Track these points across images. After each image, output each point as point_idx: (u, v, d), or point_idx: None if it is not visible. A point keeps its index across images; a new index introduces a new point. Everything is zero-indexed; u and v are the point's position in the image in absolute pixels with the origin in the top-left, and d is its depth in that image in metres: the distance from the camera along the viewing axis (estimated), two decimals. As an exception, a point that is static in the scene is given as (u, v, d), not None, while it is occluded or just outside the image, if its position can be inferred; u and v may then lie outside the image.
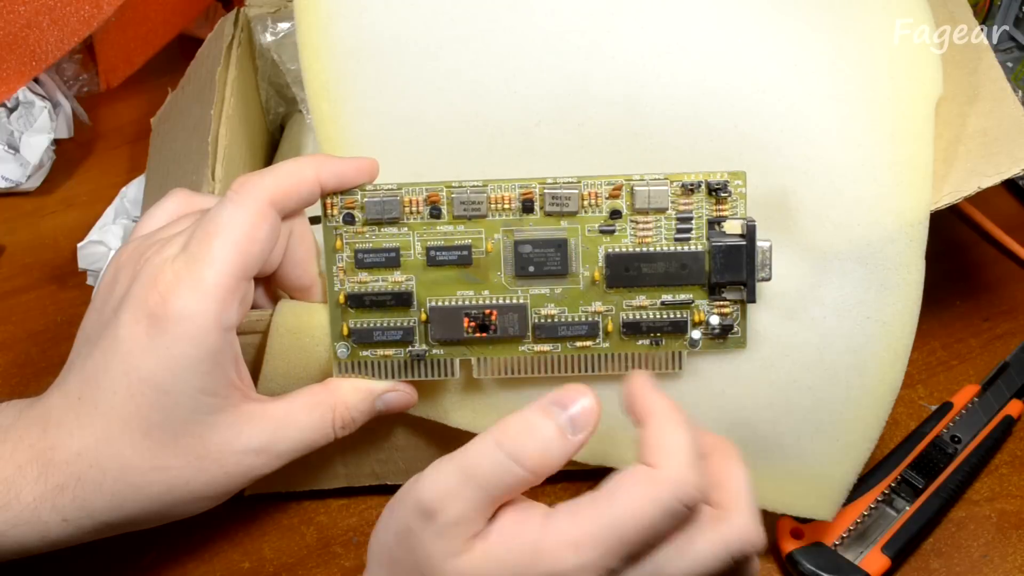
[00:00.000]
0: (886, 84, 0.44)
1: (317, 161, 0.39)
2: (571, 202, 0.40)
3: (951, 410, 0.51)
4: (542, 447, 0.34)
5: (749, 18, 0.45)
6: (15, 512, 0.37)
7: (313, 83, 0.45)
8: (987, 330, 0.56)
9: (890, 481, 0.48)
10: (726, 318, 0.41)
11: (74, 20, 0.61)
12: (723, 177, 0.40)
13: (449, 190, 0.40)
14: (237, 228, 0.37)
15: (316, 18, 0.45)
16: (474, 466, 0.34)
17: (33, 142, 0.64)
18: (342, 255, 0.40)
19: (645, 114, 0.44)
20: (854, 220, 0.42)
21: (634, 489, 0.34)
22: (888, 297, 0.42)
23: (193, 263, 0.36)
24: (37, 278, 0.60)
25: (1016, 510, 0.49)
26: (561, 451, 0.35)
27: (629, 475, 0.34)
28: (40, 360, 0.56)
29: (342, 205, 0.40)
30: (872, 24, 0.45)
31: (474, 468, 0.34)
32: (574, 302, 0.41)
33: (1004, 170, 0.44)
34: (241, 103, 0.54)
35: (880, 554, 0.45)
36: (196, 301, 0.36)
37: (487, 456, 0.34)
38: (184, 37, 0.70)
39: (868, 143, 0.43)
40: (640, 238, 0.40)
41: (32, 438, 0.38)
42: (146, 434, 0.37)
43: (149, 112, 0.61)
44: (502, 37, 0.44)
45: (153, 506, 0.38)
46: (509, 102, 0.44)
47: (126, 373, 0.36)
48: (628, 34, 0.44)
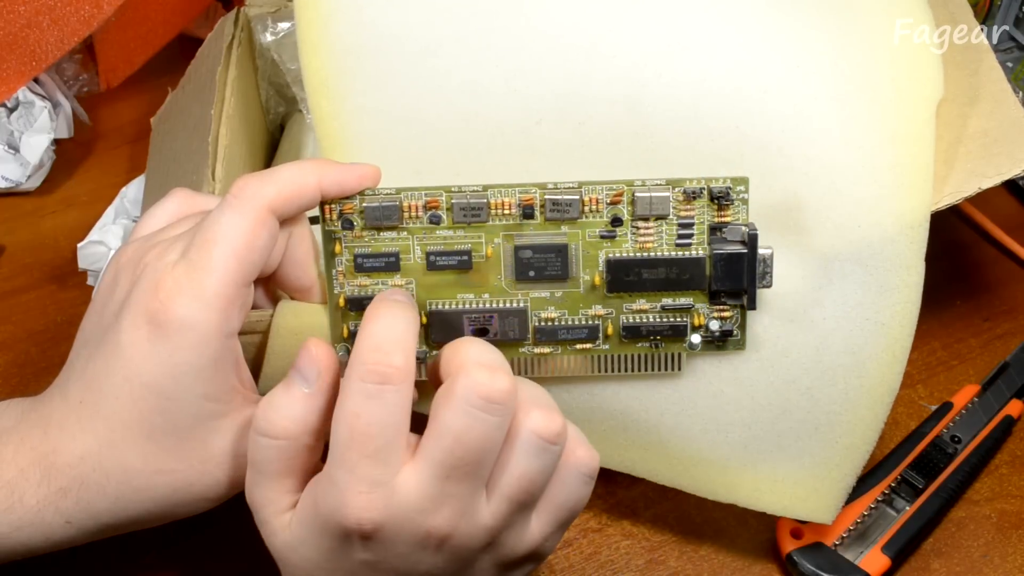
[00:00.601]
0: (887, 86, 0.44)
1: (320, 168, 0.39)
2: (572, 208, 0.39)
3: (951, 410, 0.51)
4: (283, 412, 0.36)
5: (750, 18, 0.45)
6: (19, 515, 0.37)
7: (312, 80, 0.44)
8: (987, 330, 0.57)
9: (890, 481, 0.48)
10: (726, 323, 0.41)
11: (74, 20, 0.61)
12: (725, 183, 0.40)
13: (449, 195, 0.40)
14: (237, 236, 0.37)
15: (316, 15, 0.45)
16: (249, 455, 0.37)
17: (33, 142, 0.64)
18: (341, 259, 0.40)
19: (646, 114, 0.44)
20: (854, 221, 0.42)
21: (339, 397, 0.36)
22: (888, 299, 0.42)
23: (194, 271, 0.36)
24: (37, 278, 0.60)
25: (1016, 510, 0.49)
26: (303, 406, 0.36)
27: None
28: (40, 360, 0.56)
29: (340, 210, 0.40)
30: (873, 25, 0.45)
31: (249, 457, 0.37)
32: (574, 306, 0.41)
33: (1005, 171, 0.44)
34: (241, 103, 0.53)
35: (880, 554, 0.46)
36: (197, 310, 0.36)
37: (250, 443, 0.37)
38: (184, 37, 0.69)
39: (869, 144, 0.43)
40: (641, 244, 0.40)
41: (34, 441, 0.38)
42: (149, 438, 0.37)
43: (149, 112, 0.61)
44: (502, 35, 0.44)
45: (156, 508, 0.38)
46: (509, 101, 0.44)
47: (128, 379, 0.36)
48: (629, 33, 0.44)
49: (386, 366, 0.34)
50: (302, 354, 0.37)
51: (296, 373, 0.37)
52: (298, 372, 0.37)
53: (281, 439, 0.36)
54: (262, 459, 0.36)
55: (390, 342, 0.35)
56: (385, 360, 0.35)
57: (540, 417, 0.35)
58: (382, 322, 0.36)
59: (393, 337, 0.35)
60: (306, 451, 0.37)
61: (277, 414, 0.36)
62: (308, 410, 0.36)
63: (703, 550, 0.48)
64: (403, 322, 0.36)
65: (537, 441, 0.35)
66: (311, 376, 0.37)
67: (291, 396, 0.36)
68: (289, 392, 0.36)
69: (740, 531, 0.48)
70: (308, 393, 0.36)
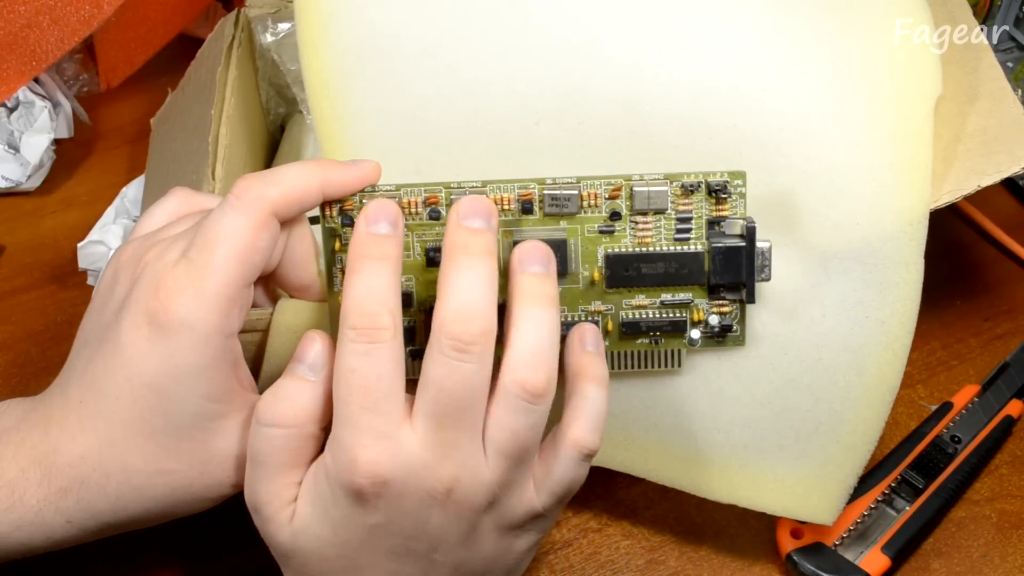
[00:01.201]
0: (886, 84, 0.44)
1: (322, 170, 0.38)
2: (570, 203, 0.40)
3: (951, 410, 0.51)
4: (288, 401, 0.36)
5: (749, 17, 0.45)
6: (19, 514, 0.37)
7: (313, 81, 0.44)
8: (987, 330, 0.57)
9: (890, 481, 0.48)
10: (725, 317, 0.41)
11: (74, 20, 0.61)
12: (723, 177, 0.40)
13: (448, 192, 0.40)
14: (239, 237, 0.36)
15: (316, 15, 0.45)
16: (250, 450, 0.37)
17: (33, 142, 0.64)
18: (342, 256, 0.40)
19: (645, 113, 0.44)
20: (854, 219, 0.42)
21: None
22: (887, 296, 0.42)
23: (194, 271, 0.36)
24: (37, 278, 0.60)
25: (1016, 510, 0.49)
26: (309, 394, 0.37)
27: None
28: (40, 360, 0.56)
29: (341, 208, 0.39)
30: (872, 24, 0.45)
31: (251, 451, 0.37)
32: (574, 302, 0.41)
33: (1004, 169, 0.44)
34: (241, 103, 0.54)
35: (880, 554, 0.46)
36: (198, 310, 0.36)
37: (253, 436, 0.37)
38: (184, 37, 0.70)
39: (868, 142, 0.43)
40: (640, 239, 0.40)
41: (34, 440, 0.38)
42: (149, 438, 0.37)
43: (149, 112, 0.61)
44: (502, 35, 0.44)
45: (156, 507, 0.38)
46: (509, 100, 0.44)
47: (128, 378, 0.36)
48: (628, 32, 0.44)
49: (373, 328, 0.35)
50: (304, 343, 0.37)
51: (298, 362, 0.37)
52: (300, 361, 0.37)
53: (287, 427, 0.36)
54: (267, 450, 0.36)
55: (374, 302, 0.36)
56: (371, 323, 0.35)
57: (522, 373, 0.36)
58: (364, 283, 0.36)
59: (377, 297, 0.36)
60: (312, 440, 0.37)
61: (282, 403, 0.36)
62: (313, 396, 0.37)
63: (703, 550, 0.48)
64: (383, 278, 0.36)
65: (517, 395, 0.36)
66: (316, 363, 0.37)
67: (295, 384, 0.37)
68: (293, 380, 0.37)
69: (740, 531, 0.48)
70: (313, 381, 0.37)
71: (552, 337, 0.37)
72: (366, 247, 0.37)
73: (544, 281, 0.37)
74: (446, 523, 0.37)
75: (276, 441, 0.36)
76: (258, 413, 0.36)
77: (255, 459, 0.37)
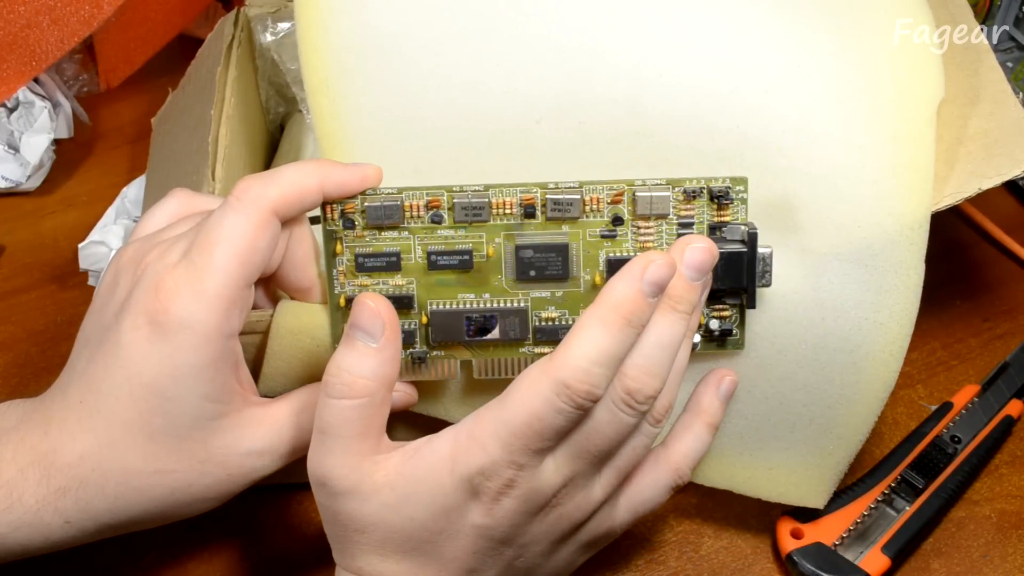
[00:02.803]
0: (888, 86, 0.44)
1: (322, 169, 0.39)
2: (573, 208, 0.39)
3: (951, 410, 0.51)
4: (355, 371, 0.36)
5: (751, 19, 0.45)
6: (18, 515, 0.37)
7: (312, 79, 0.44)
8: (987, 330, 0.57)
9: (890, 481, 0.48)
10: (725, 322, 0.41)
11: (74, 20, 0.61)
12: (725, 183, 0.40)
13: (450, 195, 0.40)
14: (240, 238, 0.37)
15: (316, 13, 0.45)
16: (320, 423, 0.37)
17: (33, 142, 0.64)
18: (342, 258, 0.40)
19: (646, 113, 0.43)
20: (855, 222, 0.42)
21: (524, 383, 0.36)
22: (887, 299, 0.42)
23: (195, 271, 0.36)
24: (37, 278, 0.60)
25: (1016, 510, 0.49)
26: (374, 360, 0.37)
27: (529, 368, 0.36)
28: (40, 360, 0.56)
29: (342, 210, 0.39)
30: (874, 26, 0.45)
31: (321, 424, 0.37)
32: (575, 305, 0.41)
33: (1005, 172, 0.44)
34: (241, 103, 0.53)
35: (880, 554, 0.46)
36: (198, 310, 0.36)
37: (323, 409, 0.37)
38: (184, 37, 0.69)
39: (869, 145, 0.43)
40: (641, 243, 0.40)
41: (33, 440, 0.38)
42: (148, 438, 0.37)
43: (149, 112, 0.61)
44: (503, 34, 0.44)
45: (155, 508, 0.38)
46: (509, 100, 0.44)
47: (128, 379, 0.36)
48: (630, 32, 0.44)
49: (588, 398, 0.35)
50: (361, 311, 0.37)
51: (358, 330, 0.37)
52: (360, 329, 0.37)
53: (361, 397, 0.36)
54: (339, 423, 0.36)
55: (588, 366, 0.35)
56: (586, 390, 0.35)
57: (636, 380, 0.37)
58: (598, 343, 0.36)
59: (603, 363, 0.36)
60: (382, 407, 0.37)
61: (351, 374, 0.36)
62: (379, 362, 0.37)
63: (703, 550, 0.48)
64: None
65: (624, 400, 0.37)
66: (374, 329, 0.37)
67: (360, 354, 0.36)
68: (357, 350, 0.37)
69: (740, 531, 0.48)
70: (376, 347, 0.37)
71: (671, 346, 0.37)
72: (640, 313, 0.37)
73: (690, 290, 0.38)
74: (541, 535, 0.38)
75: (348, 412, 0.36)
76: (327, 387, 0.36)
77: (327, 432, 0.36)
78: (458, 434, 0.36)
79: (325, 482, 0.37)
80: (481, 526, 0.36)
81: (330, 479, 0.37)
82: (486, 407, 0.37)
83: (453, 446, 0.36)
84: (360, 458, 0.36)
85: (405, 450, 0.37)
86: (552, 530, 0.38)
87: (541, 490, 0.37)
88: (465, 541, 0.37)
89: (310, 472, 0.37)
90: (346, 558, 0.38)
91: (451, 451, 0.36)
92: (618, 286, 0.36)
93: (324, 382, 0.36)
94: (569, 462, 0.37)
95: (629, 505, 0.41)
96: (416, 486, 0.36)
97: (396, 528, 0.37)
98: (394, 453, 0.37)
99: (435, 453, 0.36)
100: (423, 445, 0.37)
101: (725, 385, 0.42)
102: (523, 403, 0.35)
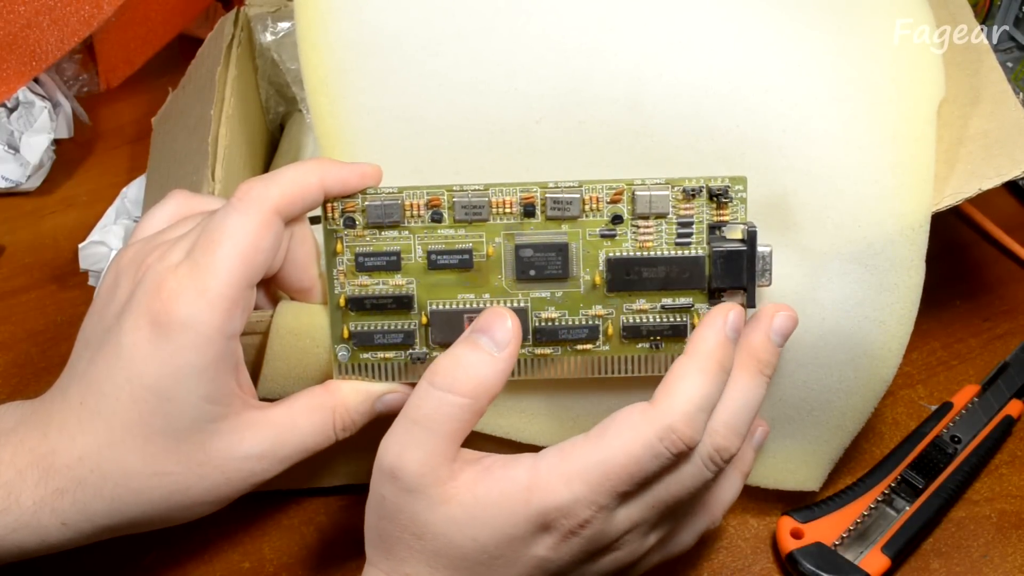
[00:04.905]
0: (888, 86, 0.44)
1: (322, 167, 0.39)
2: (572, 207, 0.40)
3: (951, 410, 0.51)
4: (472, 371, 0.36)
5: (752, 18, 0.45)
6: (15, 516, 0.37)
7: (312, 78, 0.44)
8: (987, 330, 0.57)
9: (890, 481, 0.48)
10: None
11: (74, 20, 0.61)
12: (724, 182, 0.40)
13: (450, 194, 0.40)
14: (242, 237, 0.37)
15: (316, 12, 0.45)
16: (415, 412, 0.36)
17: (33, 142, 0.64)
18: (342, 258, 0.40)
19: (646, 113, 0.44)
20: (855, 221, 0.42)
21: (624, 426, 0.36)
22: (887, 298, 0.42)
23: (197, 272, 0.36)
24: (37, 278, 0.60)
25: (1016, 510, 0.49)
26: (492, 369, 0.36)
27: (625, 411, 0.36)
28: (40, 360, 0.56)
29: (343, 209, 0.40)
30: (875, 26, 0.45)
31: (415, 414, 0.36)
32: (575, 305, 0.41)
33: (1005, 172, 0.44)
34: (241, 103, 0.53)
35: (880, 554, 0.46)
36: (200, 311, 0.36)
37: (423, 398, 0.36)
38: (184, 37, 0.69)
39: (870, 144, 0.43)
40: (641, 243, 0.40)
41: (33, 442, 0.38)
42: (148, 440, 0.37)
43: (149, 112, 0.61)
44: (503, 34, 0.44)
45: (153, 511, 0.38)
46: (509, 99, 0.44)
47: (128, 380, 0.36)
48: (630, 32, 0.44)
49: (689, 440, 0.36)
50: (494, 319, 0.37)
51: (484, 335, 0.37)
52: (487, 334, 0.37)
53: (467, 398, 0.36)
54: (438, 416, 0.36)
55: (694, 412, 0.36)
56: (691, 436, 0.36)
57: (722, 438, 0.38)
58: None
59: (697, 407, 0.36)
60: (476, 417, 0.36)
61: (465, 372, 0.36)
62: (496, 372, 0.36)
63: (703, 550, 0.48)
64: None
65: (711, 457, 0.38)
66: (504, 341, 0.36)
67: (479, 356, 0.36)
68: (476, 351, 0.36)
69: (740, 531, 0.48)
70: (497, 357, 0.36)
71: (756, 408, 0.38)
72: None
73: (777, 356, 0.39)
74: (590, 574, 0.38)
75: (450, 408, 0.36)
76: (435, 377, 0.36)
77: (419, 422, 0.36)
78: (538, 466, 0.36)
79: (400, 475, 0.36)
80: (543, 559, 0.36)
81: (406, 473, 0.36)
82: (573, 443, 0.36)
83: (532, 478, 0.36)
84: (442, 459, 0.36)
85: (478, 467, 0.36)
86: (600, 571, 0.38)
87: (608, 534, 0.37)
88: (521, 571, 0.37)
89: (383, 459, 0.36)
90: (391, 560, 0.37)
91: (529, 482, 0.36)
92: (708, 335, 0.37)
93: (432, 371, 0.36)
94: (641, 510, 0.37)
95: (664, 549, 0.41)
96: (487, 509, 0.36)
97: (455, 544, 0.36)
98: (468, 467, 0.36)
99: (512, 481, 0.36)
100: (497, 467, 0.36)
101: (758, 436, 0.43)
102: (623, 446, 0.35)
